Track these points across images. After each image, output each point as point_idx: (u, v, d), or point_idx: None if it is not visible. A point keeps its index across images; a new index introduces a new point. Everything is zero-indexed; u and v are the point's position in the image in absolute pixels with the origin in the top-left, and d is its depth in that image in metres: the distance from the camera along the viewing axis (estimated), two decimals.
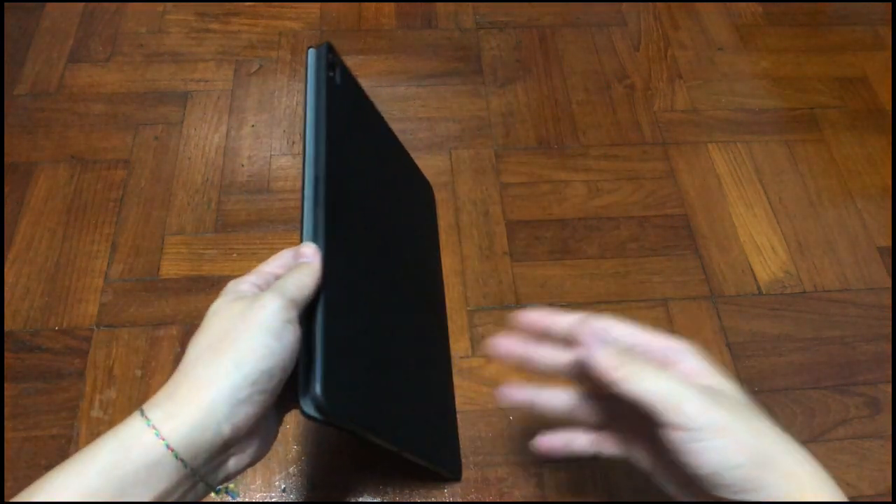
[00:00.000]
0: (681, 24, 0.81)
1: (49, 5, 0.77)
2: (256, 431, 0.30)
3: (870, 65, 0.78)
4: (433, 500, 0.49)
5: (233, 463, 0.30)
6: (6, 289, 0.57)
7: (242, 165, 0.66)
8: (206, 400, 0.27)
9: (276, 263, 0.35)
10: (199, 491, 0.28)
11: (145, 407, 0.28)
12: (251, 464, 0.31)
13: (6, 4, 0.76)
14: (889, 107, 0.75)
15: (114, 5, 0.78)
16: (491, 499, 0.49)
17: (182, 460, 0.26)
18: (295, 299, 0.31)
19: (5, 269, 0.58)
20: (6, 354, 0.54)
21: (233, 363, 0.28)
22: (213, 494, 0.29)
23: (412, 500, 0.49)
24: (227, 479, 0.30)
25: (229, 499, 0.30)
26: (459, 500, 0.49)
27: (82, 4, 0.77)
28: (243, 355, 0.28)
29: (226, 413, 0.27)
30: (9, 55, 0.73)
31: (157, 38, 0.76)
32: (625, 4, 0.83)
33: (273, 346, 0.28)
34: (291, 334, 0.30)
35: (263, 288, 0.33)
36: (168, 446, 0.26)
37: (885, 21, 0.83)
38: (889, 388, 0.56)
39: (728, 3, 0.83)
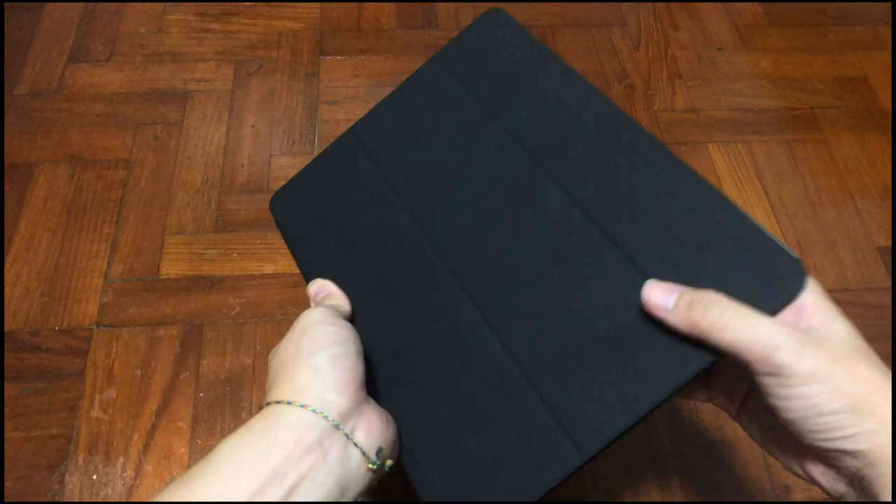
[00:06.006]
0: (681, 24, 0.81)
1: (49, 5, 0.77)
2: (365, 405, 0.32)
3: (870, 65, 0.78)
4: None
5: (361, 436, 0.31)
6: (6, 289, 0.57)
7: (242, 165, 0.66)
8: (300, 383, 0.30)
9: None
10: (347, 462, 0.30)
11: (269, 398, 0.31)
12: (379, 439, 0.32)
13: (6, 4, 0.76)
14: (889, 107, 0.75)
15: (114, 5, 0.78)
16: None
17: (322, 414, 0.29)
18: (335, 308, 0.36)
19: (5, 269, 0.58)
20: (6, 354, 0.54)
21: (307, 352, 0.32)
22: (369, 465, 0.31)
23: (412, 500, 0.49)
24: (367, 456, 0.31)
25: (382, 468, 0.32)
26: None
27: (82, 4, 0.77)
28: (309, 342, 0.32)
29: (321, 385, 0.30)
30: (9, 55, 0.73)
31: (157, 38, 0.76)
32: (625, 4, 0.83)
33: (330, 328, 0.33)
34: (343, 322, 0.34)
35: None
36: (314, 410, 0.29)
37: (885, 21, 0.83)
38: None
39: (728, 3, 0.83)
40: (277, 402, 0.29)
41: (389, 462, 0.32)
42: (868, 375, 0.27)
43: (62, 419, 0.51)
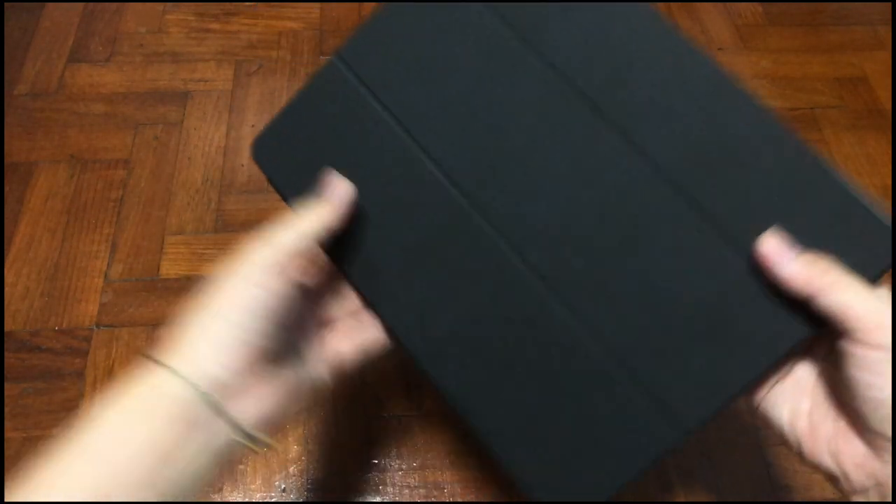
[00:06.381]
0: (681, 24, 0.81)
1: (49, 5, 0.77)
2: (259, 377, 0.30)
3: (870, 65, 0.78)
4: (433, 499, 0.49)
5: (247, 411, 0.29)
6: (6, 289, 0.57)
7: (242, 165, 0.66)
8: (192, 342, 0.29)
9: None
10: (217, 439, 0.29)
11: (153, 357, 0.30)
12: (267, 414, 0.30)
13: (6, 4, 0.76)
14: (889, 107, 0.75)
15: (114, 5, 0.78)
16: (492, 498, 0.49)
17: (200, 389, 0.27)
18: (286, 247, 0.31)
19: (5, 269, 0.58)
20: (6, 354, 0.54)
21: (216, 309, 0.29)
22: (248, 445, 0.29)
23: (412, 500, 0.49)
24: (248, 434, 0.30)
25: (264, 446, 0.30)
26: (459, 499, 0.49)
27: (82, 4, 0.77)
28: (225, 296, 0.30)
29: (209, 353, 0.28)
30: (9, 55, 0.73)
31: (157, 38, 0.76)
32: None
33: (254, 290, 0.29)
34: (273, 285, 0.30)
35: None
36: (192, 383, 0.27)
37: (885, 21, 0.83)
38: None
39: (728, 3, 0.83)
40: (160, 363, 0.28)
41: (271, 441, 0.30)
42: None
43: (62, 419, 0.51)
